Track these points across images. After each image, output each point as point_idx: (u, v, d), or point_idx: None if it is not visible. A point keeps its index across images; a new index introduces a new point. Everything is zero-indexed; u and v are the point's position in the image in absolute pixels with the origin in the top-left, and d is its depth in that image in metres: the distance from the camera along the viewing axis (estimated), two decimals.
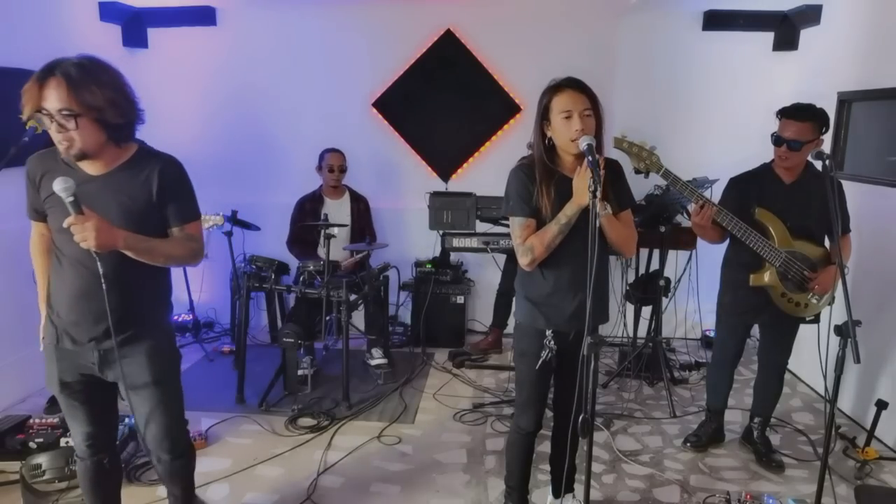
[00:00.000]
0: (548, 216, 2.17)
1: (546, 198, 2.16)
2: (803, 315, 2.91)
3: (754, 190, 2.86)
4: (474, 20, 4.66)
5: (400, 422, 3.52)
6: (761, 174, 2.92)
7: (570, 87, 2.11)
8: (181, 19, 4.73)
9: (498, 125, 4.80)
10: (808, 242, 2.83)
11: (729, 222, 2.76)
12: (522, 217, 2.20)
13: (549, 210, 2.17)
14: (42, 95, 1.70)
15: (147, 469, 2.95)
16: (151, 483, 2.86)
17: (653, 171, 2.68)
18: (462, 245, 4.35)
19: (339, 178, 4.31)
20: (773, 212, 2.79)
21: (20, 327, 3.40)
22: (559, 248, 2.18)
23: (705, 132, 4.61)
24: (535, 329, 2.30)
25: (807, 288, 2.83)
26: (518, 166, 2.26)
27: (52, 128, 1.74)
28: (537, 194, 2.18)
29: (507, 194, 2.27)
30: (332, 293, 3.60)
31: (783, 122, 2.76)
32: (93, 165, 1.86)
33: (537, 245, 2.16)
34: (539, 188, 2.17)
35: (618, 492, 2.88)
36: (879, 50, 3.49)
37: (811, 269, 2.82)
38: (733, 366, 3.19)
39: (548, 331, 2.27)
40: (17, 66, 3.51)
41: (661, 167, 2.67)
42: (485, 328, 4.86)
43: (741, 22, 4.48)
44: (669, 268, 4.03)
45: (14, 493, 2.69)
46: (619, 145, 2.64)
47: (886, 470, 3.07)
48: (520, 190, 2.21)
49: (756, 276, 2.84)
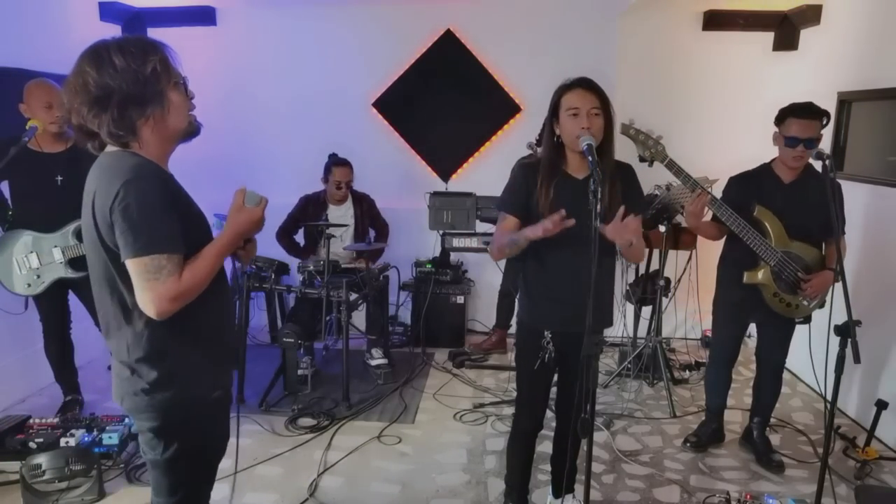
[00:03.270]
0: (544, 214, 2.16)
1: (545, 197, 2.18)
2: (793, 316, 2.92)
3: (754, 188, 2.86)
4: (474, 20, 4.66)
5: (400, 422, 3.52)
6: (761, 173, 2.92)
7: (581, 86, 2.13)
8: (181, 19, 4.74)
9: (498, 125, 4.79)
10: (804, 243, 2.83)
11: (727, 217, 2.76)
12: (507, 212, 2.26)
13: (546, 209, 2.17)
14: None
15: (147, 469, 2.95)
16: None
17: (657, 160, 2.67)
18: (462, 245, 4.36)
19: (346, 195, 4.25)
20: (772, 210, 2.79)
21: (20, 327, 3.40)
22: (561, 249, 2.18)
23: (705, 132, 4.60)
24: (533, 328, 2.31)
25: (799, 290, 2.83)
26: (522, 164, 2.30)
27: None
28: (536, 193, 2.19)
29: (505, 187, 2.31)
30: (332, 293, 3.61)
31: (795, 122, 2.71)
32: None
33: (497, 247, 2.23)
34: (539, 187, 2.19)
35: (618, 492, 2.88)
36: (879, 50, 3.49)
37: (805, 270, 2.82)
38: (731, 365, 3.18)
39: (546, 331, 2.27)
40: (17, 66, 3.51)
41: (666, 157, 2.66)
42: (485, 328, 4.86)
43: (741, 22, 4.48)
44: (669, 268, 4.03)
45: (14, 493, 2.69)
46: (626, 131, 2.63)
47: (886, 470, 3.07)
48: (513, 187, 2.26)
49: (750, 274, 2.84)
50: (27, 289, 3.17)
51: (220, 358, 1.74)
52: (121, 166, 1.50)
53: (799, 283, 2.82)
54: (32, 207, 3.16)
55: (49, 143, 3.12)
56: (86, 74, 1.49)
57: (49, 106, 3.04)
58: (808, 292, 2.81)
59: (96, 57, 1.50)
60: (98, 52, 1.51)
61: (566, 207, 2.18)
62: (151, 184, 1.49)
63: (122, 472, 2.92)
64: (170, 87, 1.56)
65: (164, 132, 1.58)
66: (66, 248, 3.15)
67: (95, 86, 1.48)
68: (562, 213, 2.01)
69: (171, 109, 1.56)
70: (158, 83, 1.53)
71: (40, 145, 3.08)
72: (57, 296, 3.31)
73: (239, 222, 1.68)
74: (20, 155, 2.97)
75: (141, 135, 1.54)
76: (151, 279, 1.46)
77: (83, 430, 2.98)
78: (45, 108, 3.04)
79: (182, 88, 1.61)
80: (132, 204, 1.44)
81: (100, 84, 1.48)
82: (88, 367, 4.08)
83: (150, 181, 1.49)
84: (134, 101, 1.50)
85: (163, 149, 1.61)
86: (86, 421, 3.10)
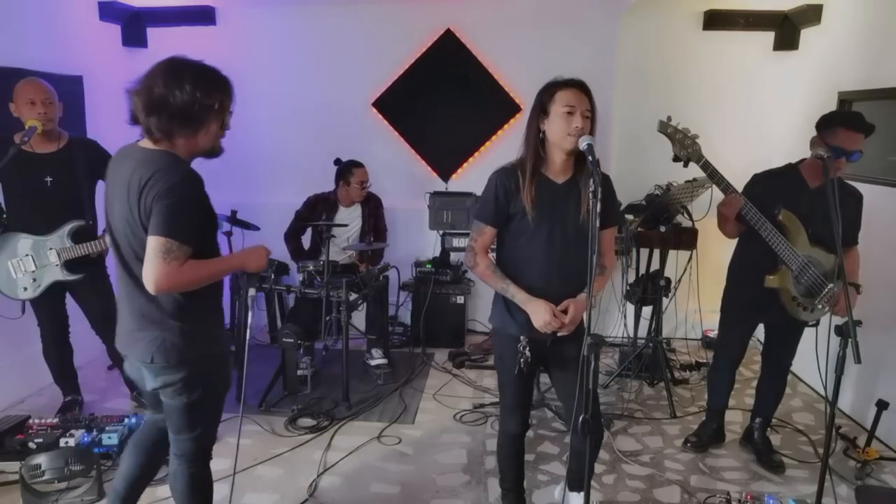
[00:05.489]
0: (529, 214, 2.16)
1: (528, 196, 2.16)
2: (806, 319, 2.87)
3: (779, 189, 2.79)
4: (474, 20, 4.66)
5: (400, 422, 3.52)
6: (786, 174, 2.85)
7: (577, 87, 2.12)
8: (180, 19, 4.73)
9: (498, 125, 4.79)
10: (822, 250, 2.77)
11: (753, 218, 2.69)
12: (481, 223, 2.27)
13: (529, 208, 2.15)
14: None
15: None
16: (151, 483, 2.85)
17: (693, 160, 2.62)
18: (462, 245, 4.35)
19: (365, 193, 4.29)
20: (794, 214, 2.72)
21: (20, 327, 3.39)
22: (532, 256, 2.19)
23: (705, 132, 4.53)
24: (508, 335, 2.28)
25: (816, 294, 2.78)
26: (498, 171, 2.25)
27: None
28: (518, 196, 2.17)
29: (481, 195, 2.30)
30: (332, 293, 3.60)
31: (844, 132, 2.61)
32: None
33: (481, 271, 2.27)
34: (523, 184, 2.16)
35: (618, 492, 2.88)
36: (880, 50, 3.49)
37: (824, 276, 2.77)
38: (735, 366, 3.18)
39: (521, 337, 2.24)
40: (17, 66, 3.51)
41: (702, 157, 2.62)
42: (485, 328, 4.85)
43: (741, 22, 4.48)
44: (669, 268, 4.02)
45: (14, 493, 2.69)
46: (664, 129, 2.60)
47: (887, 470, 3.07)
48: (489, 196, 2.24)
49: (772, 279, 2.76)
50: (24, 293, 3.15)
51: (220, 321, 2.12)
52: (166, 165, 1.80)
53: (821, 288, 2.76)
54: (24, 209, 3.13)
55: (39, 144, 3.08)
56: (156, 82, 1.76)
57: (32, 103, 2.99)
58: (838, 311, 2.70)
59: (172, 72, 1.78)
60: (175, 69, 1.79)
61: (545, 211, 2.17)
62: (194, 187, 1.83)
63: None
64: (214, 120, 1.87)
65: (192, 147, 1.90)
66: (61, 251, 3.12)
67: (158, 95, 1.76)
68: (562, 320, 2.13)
69: (205, 134, 1.88)
70: (209, 115, 1.83)
71: (32, 145, 3.04)
72: (55, 299, 3.29)
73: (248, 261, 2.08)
74: (13, 156, 2.95)
75: (175, 141, 1.85)
76: (160, 257, 1.74)
77: (83, 431, 2.98)
78: (28, 104, 2.99)
79: (222, 123, 1.91)
80: (175, 200, 1.75)
81: (162, 95, 1.76)
82: (88, 367, 4.08)
83: (193, 185, 1.83)
84: (181, 120, 1.80)
85: (190, 156, 1.92)
86: (85, 421, 3.09)
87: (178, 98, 1.76)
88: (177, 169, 1.81)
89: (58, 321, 3.37)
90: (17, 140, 2.97)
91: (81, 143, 3.28)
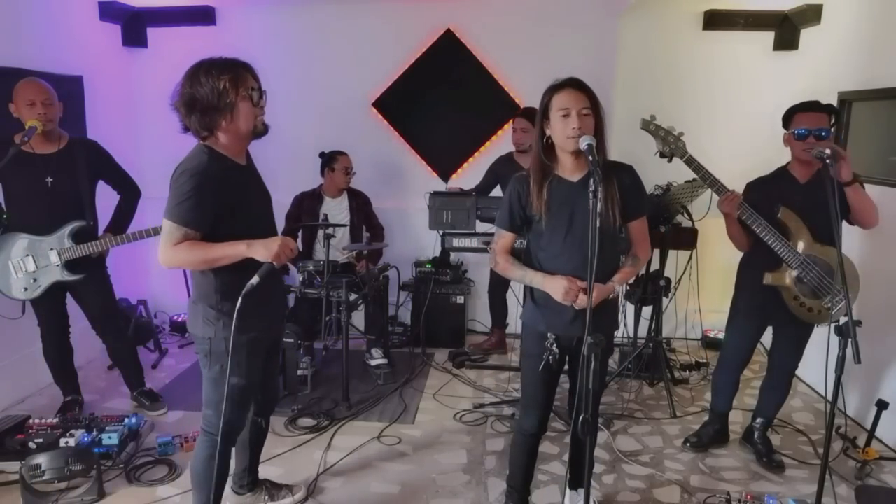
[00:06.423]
0: (542, 216, 2.19)
1: (539, 199, 2.19)
2: (815, 321, 2.86)
3: (773, 191, 2.82)
4: (474, 20, 4.66)
5: (400, 422, 3.52)
6: (778, 176, 2.89)
7: (570, 87, 2.13)
8: (180, 19, 4.73)
9: (498, 125, 4.79)
10: (826, 247, 2.76)
11: (750, 217, 2.73)
12: (503, 229, 2.34)
13: (542, 210, 2.19)
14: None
15: (147, 469, 2.95)
16: (151, 483, 2.86)
17: (677, 155, 2.66)
18: (462, 245, 4.34)
19: (350, 181, 4.35)
20: (794, 212, 2.74)
21: (20, 327, 3.39)
22: (557, 254, 2.21)
23: (705, 132, 4.58)
24: (536, 331, 2.31)
25: (822, 295, 2.77)
26: (516, 176, 2.31)
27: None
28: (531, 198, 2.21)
29: (502, 200, 2.36)
30: (331, 293, 3.60)
31: (802, 115, 2.73)
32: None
33: (502, 267, 2.33)
34: (533, 189, 2.20)
35: (618, 492, 2.88)
36: (880, 50, 3.49)
37: (829, 275, 2.76)
38: (741, 370, 3.17)
39: (549, 334, 2.27)
40: (17, 66, 3.51)
41: (686, 153, 2.66)
42: (485, 328, 4.86)
43: (741, 22, 4.48)
44: (669, 268, 4.02)
45: (14, 493, 2.68)
46: (647, 127, 2.63)
47: (887, 470, 3.07)
48: (506, 203, 2.32)
49: (772, 276, 2.79)
50: (24, 293, 3.15)
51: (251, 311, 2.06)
52: (191, 157, 2.04)
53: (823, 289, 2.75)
54: (25, 210, 3.12)
55: (40, 144, 3.07)
56: (185, 85, 2.00)
57: (32, 103, 2.98)
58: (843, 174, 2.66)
59: (193, 72, 2.01)
60: (195, 69, 2.01)
61: (561, 211, 2.19)
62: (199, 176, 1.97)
63: (121, 472, 2.92)
64: (239, 98, 2.01)
65: (235, 132, 2.07)
66: (62, 251, 3.12)
67: (188, 94, 1.99)
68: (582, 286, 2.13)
69: (239, 116, 2.03)
70: (229, 96, 1.99)
71: (32, 146, 3.04)
72: (55, 299, 3.29)
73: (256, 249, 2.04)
74: (13, 156, 2.94)
75: (217, 134, 2.06)
76: (164, 238, 1.99)
77: (83, 431, 2.98)
78: (28, 105, 2.98)
79: (250, 100, 2.04)
80: (181, 186, 1.96)
81: (190, 93, 1.99)
82: (88, 367, 4.09)
83: (199, 174, 1.97)
84: (211, 109, 1.99)
85: (237, 145, 2.12)
86: (85, 421, 3.09)
87: (200, 92, 1.97)
88: (193, 158, 2.02)
89: (58, 321, 3.37)
90: (17, 140, 2.97)
91: (82, 143, 3.27)
